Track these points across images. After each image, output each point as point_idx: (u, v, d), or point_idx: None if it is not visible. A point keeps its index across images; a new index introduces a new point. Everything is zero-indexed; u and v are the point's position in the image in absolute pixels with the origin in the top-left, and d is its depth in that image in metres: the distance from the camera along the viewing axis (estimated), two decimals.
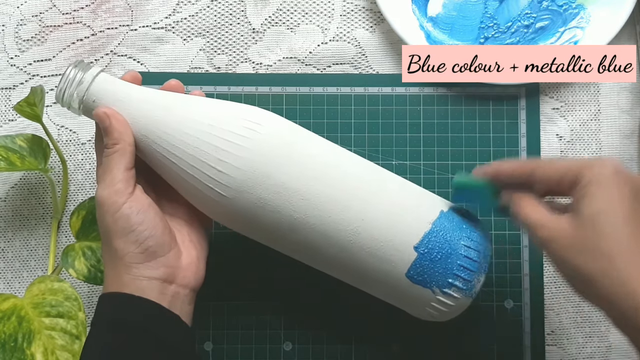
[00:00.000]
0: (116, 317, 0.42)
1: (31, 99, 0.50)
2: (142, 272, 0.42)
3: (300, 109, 0.56)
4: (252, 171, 0.43)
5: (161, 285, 0.43)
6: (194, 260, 0.45)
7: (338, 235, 0.44)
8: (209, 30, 0.57)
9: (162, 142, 0.43)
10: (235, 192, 0.43)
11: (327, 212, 0.43)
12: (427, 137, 0.56)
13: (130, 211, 0.42)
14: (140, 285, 0.42)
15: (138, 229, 0.42)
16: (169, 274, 0.43)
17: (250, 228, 0.45)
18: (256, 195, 0.43)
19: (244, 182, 0.43)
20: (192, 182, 0.43)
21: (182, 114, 0.44)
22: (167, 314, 0.43)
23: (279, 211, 0.43)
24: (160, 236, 0.43)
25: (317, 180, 0.44)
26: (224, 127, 0.43)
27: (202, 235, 0.47)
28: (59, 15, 0.57)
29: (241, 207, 0.43)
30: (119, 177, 0.42)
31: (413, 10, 0.57)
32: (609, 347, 0.56)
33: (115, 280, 0.43)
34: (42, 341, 0.48)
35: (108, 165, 0.43)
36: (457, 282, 0.44)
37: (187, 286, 0.44)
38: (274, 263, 0.54)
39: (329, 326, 0.55)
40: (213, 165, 0.43)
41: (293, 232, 0.44)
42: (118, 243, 0.42)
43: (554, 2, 0.57)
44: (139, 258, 0.42)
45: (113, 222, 0.42)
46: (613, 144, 0.57)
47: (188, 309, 0.45)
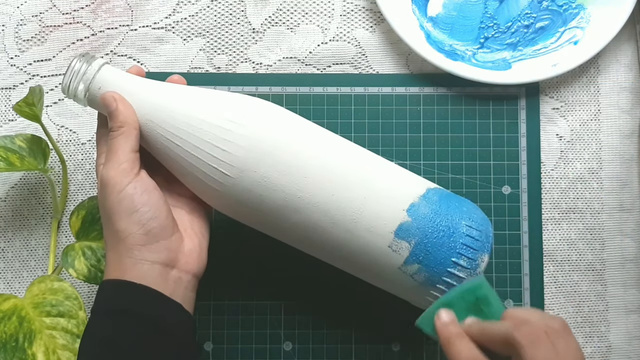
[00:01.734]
0: (117, 306, 0.42)
1: (30, 99, 0.50)
2: (143, 255, 0.42)
3: (300, 109, 0.56)
4: (255, 149, 0.43)
5: (163, 270, 0.43)
6: (196, 247, 0.45)
7: (342, 215, 0.44)
8: (209, 30, 0.57)
9: (166, 125, 0.44)
10: (239, 171, 0.43)
11: (330, 191, 0.44)
12: (427, 137, 0.56)
13: (134, 191, 0.42)
14: (141, 269, 0.42)
15: (142, 209, 0.42)
16: (171, 258, 0.43)
17: (254, 212, 0.45)
18: (260, 174, 0.43)
19: (248, 160, 0.43)
20: (196, 164, 0.44)
21: (186, 97, 0.45)
22: (169, 302, 0.43)
23: (283, 190, 0.44)
24: (164, 219, 0.43)
25: (318, 159, 0.44)
26: (228, 109, 0.44)
27: (203, 226, 0.47)
28: (59, 15, 0.57)
29: (245, 188, 0.44)
30: (125, 158, 0.43)
31: (413, 10, 0.57)
32: (609, 347, 0.56)
33: (116, 265, 0.43)
34: (43, 341, 0.48)
35: (113, 147, 0.43)
36: (461, 260, 0.44)
37: (189, 272, 0.44)
38: (274, 263, 0.54)
39: (329, 326, 0.55)
40: (217, 145, 0.43)
41: (297, 212, 0.44)
42: (121, 224, 0.42)
43: (554, 2, 0.57)
44: (142, 240, 0.42)
45: (117, 202, 0.42)
46: (613, 144, 0.57)
47: (190, 295, 0.45)
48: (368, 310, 0.54)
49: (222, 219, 0.53)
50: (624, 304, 0.56)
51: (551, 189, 0.57)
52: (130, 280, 0.42)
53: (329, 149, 0.45)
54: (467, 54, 0.56)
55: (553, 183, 0.57)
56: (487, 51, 0.57)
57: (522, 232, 0.56)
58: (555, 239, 0.56)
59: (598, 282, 0.56)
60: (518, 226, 0.56)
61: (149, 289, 0.42)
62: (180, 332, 0.43)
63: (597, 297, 0.56)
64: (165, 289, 0.42)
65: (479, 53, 0.57)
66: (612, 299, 0.56)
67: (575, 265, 0.56)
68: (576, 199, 0.57)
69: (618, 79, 0.57)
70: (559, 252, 0.56)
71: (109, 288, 0.43)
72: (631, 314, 0.56)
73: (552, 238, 0.56)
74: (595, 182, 0.57)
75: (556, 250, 0.56)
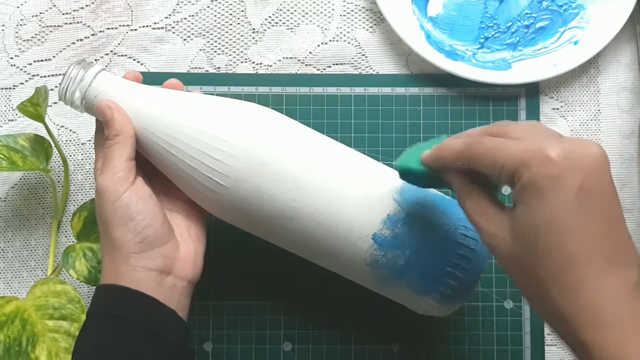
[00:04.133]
0: (111, 310, 0.42)
1: (35, 99, 0.50)
2: (139, 263, 0.42)
3: (300, 109, 0.56)
4: (249, 159, 0.43)
5: (158, 277, 0.43)
6: (192, 253, 0.46)
7: (336, 224, 0.44)
8: (209, 30, 0.57)
9: (162, 134, 0.44)
10: (233, 181, 0.43)
11: (323, 201, 0.44)
12: (427, 137, 0.56)
13: (130, 200, 0.42)
14: (137, 276, 0.42)
15: (137, 217, 0.42)
16: (167, 265, 0.43)
17: (249, 219, 0.46)
18: (254, 184, 0.43)
19: (242, 171, 0.43)
20: (191, 174, 0.44)
21: (182, 106, 0.45)
22: (163, 308, 0.43)
23: (276, 199, 0.44)
24: (159, 227, 0.43)
25: (312, 168, 0.44)
26: (222, 118, 0.44)
27: (200, 230, 0.48)
28: (59, 15, 0.57)
29: (240, 197, 0.44)
30: (120, 167, 0.43)
31: (413, 10, 0.57)
32: None
33: (112, 271, 0.43)
34: (46, 344, 0.48)
35: (109, 156, 0.43)
36: (456, 271, 0.44)
37: (184, 278, 0.44)
38: (274, 263, 0.54)
39: (329, 326, 0.55)
40: (211, 155, 0.43)
41: (292, 221, 0.44)
42: (116, 232, 0.42)
43: (554, 2, 0.57)
44: (137, 247, 0.42)
45: (113, 210, 0.42)
46: (613, 144, 0.57)
47: (185, 301, 0.45)
48: (368, 310, 0.54)
49: (221, 220, 0.53)
50: None
51: None
52: (125, 286, 0.42)
53: (324, 158, 0.45)
54: (467, 54, 0.56)
55: None
56: (487, 51, 0.57)
57: None
58: None
59: None
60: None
61: (144, 295, 0.42)
62: (174, 339, 0.43)
63: None
64: (160, 295, 0.43)
65: (479, 53, 0.57)
66: None
67: None
68: None
69: (618, 79, 0.57)
70: None
71: (105, 292, 0.43)
72: None
73: None
74: None
75: None
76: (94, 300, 0.44)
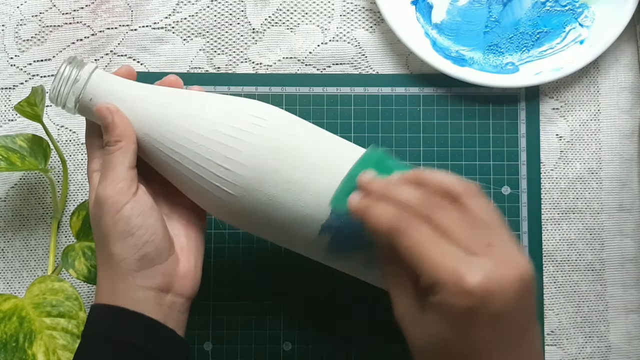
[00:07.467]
0: (108, 333, 0.40)
1: (32, 98, 0.50)
2: (138, 281, 0.40)
3: (300, 109, 0.56)
4: (259, 167, 0.41)
5: (157, 296, 0.41)
6: (192, 267, 0.43)
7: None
8: (209, 30, 0.57)
9: (164, 140, 0.42)
10: (243, 190, 0.41)
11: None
12: (427, 137, 0.56)
13: (131, 213, 0.40)
14: (135, 296, 0.40)
15: (137, 232, 0.40)
16: (166, 282, 0.41)
17: (260, 227, 0.44)
18: (265, 192, 0.41)
19: (252, 179, 0.41)
20: (198, 182, 0.42)
21: (184, 111, 0.42)
22: (163, 330, 0.41)
23: (288, 207, 0.42)
24: (160, 242, 0.41)
25: (324, 172, 0.42)
26: (228, 124, 0.41)
27: (200, 239, 0.45)
28: (59, 15, 0.57)
29: (251, 205, 0.42)
30: (122, 176, 0.40)
31: (417, 17, 0.56)
32: (609, 347, 0.56)
33: (109, 289, 0.41)
34: (43, 341, 0.48)
35: (110, 163, 0.41)
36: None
37: (183, 295, 0.42)
38: (273, 263, 0.54)
39: (329, 326, 0.55)
40: (219, 163, 0.41)
41: (305, 228, 0.42)
42: (115, 247, 0.40)
43: (557, 3, 0.57)
44: (136, 265, 0.40)
45: (112, 224, 0.40)
46: (613, 144, 0.57)
47: (183, 318, 0.43)
48: (368, 311, 0.54)
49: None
50: (623, 304, 0.56)
51: (551, 189, 0.57)
52: (123, 307, 0.40)
53: (334, 159, 0.43)
54: (475, 59, 0.56)
55: (553, 183, 0.57)
56: (494, 55, 0.57)
57: (521, 233, 0.56)
58: (555, 239, 0.56)
59: (598, 282, 0.56)
60: (518, 226, 0.56)
61: (143, 316, 0.40)
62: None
63: (596, 297, 0.56)
64: (159, 315, 0.41)
65: (486, 57, 0.57)
66: (612, 299, 0.56)
67: (574, 266, 0.56)
68: (576, 199, 0.57)
69: (618, 79, 0.57)
70: (559, 252, 0.56)
71: (102, 313, 0.41)
72: (631, 314, 0.56)
73: (551, 238, 0.56)
74: (594, 182, 0.57)
75: (556, 250, 0.56)
76: (90, 320, 0.41)
